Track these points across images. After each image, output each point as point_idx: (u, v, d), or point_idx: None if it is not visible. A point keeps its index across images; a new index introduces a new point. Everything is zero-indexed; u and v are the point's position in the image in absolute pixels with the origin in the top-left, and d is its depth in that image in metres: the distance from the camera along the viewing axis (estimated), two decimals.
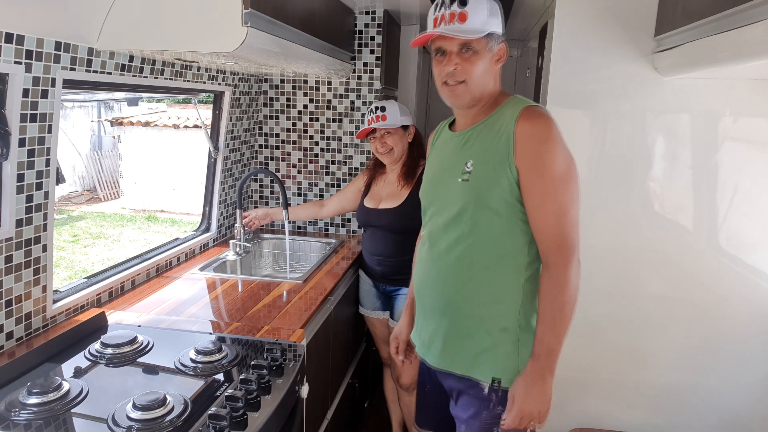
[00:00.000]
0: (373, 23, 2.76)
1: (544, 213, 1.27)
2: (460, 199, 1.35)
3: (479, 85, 1.33)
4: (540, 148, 1.26)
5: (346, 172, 2.93)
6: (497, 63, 1.36)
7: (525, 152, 1.26)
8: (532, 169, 1.26)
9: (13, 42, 1.29)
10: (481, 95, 1.35)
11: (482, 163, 1.32)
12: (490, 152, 1.31)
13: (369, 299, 2.41)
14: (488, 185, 1.31)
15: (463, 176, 1.35)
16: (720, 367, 1.92)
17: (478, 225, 1.34)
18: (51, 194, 1.54)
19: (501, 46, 1.35)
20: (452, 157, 1.41)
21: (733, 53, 1.29)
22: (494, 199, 1.30)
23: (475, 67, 1.31)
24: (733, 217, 1.84)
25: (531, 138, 1.26)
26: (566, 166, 1.27)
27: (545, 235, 1.28)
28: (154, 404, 1.17)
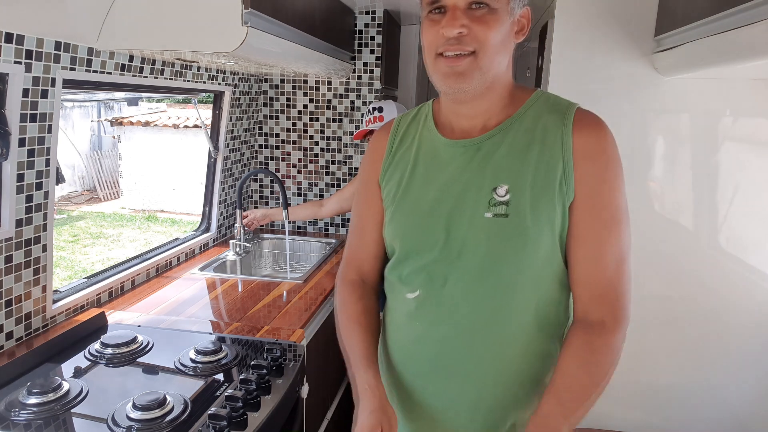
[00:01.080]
0: (373, 23, 2.76)
1: (603, 259, 0.92)
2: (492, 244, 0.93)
3: (493, 63, 0.91)
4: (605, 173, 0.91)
5: (346, 172, 2.93)
6: (517, 37, 0.95)
7: (587, 175, 0.91)
8: (593, 200, 0.91)
9: (13, 42, 1.29)
10: (493, 82, 0.94)
11: (530, 189, 0.92)
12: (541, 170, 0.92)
13: None
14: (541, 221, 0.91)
15: (494, 209, 0.92)
16: (720, 367, 1.92)
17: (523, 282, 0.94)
18: (51, 194, 1.54)
19: (524, 10, 0.95)
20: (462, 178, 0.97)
21: (733, 53, 1.29)
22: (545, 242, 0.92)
23: (491, 32, 0.89)
24: (733, 217, 1.83)
25: (597, 155, 0.91)
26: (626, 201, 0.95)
27: (598, 287, 0.93)
28: (154, 404, 1.17)
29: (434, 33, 0.92)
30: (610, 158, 0.92)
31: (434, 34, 0.92)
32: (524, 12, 0.95)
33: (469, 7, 0.89)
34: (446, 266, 0.97)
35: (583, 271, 0.94)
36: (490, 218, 0.93)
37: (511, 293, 0.94)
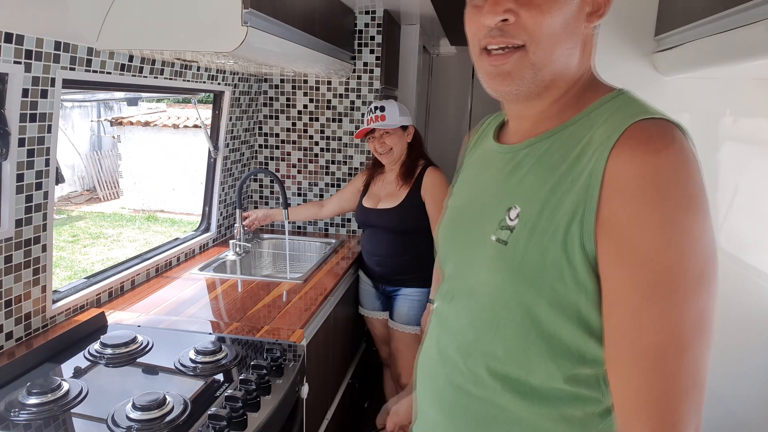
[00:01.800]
0: (373, 23, 2.76)
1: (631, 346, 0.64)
2: (488, 274, 0.77)
3: (552, 57, 0.72)
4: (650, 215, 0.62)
5: (346, 172, 2.93)
6: (590, 20, 0.74)
7: (617, 216, 0.64)
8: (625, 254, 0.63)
9: (13, 42, 1.29)
10: (553, 79, 0.74)
11: (536, 216, 0.71)
12: (555, 198, 0.70)
13: (369, 299, 2.41)
14: (540, 260, 0.70)
15: (499, 233, 0.75)
16: (720, 367, 1.91)
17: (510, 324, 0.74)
18: (51, 194, 1.54)
19: None
20: (490, 190, 0.82)
21: (733, 53, 1.29)
22: (548, 288, 0.70)
23: (546, 18, 0.70)
24: (734, 217, 1.83)
25: (636, 188, 0.62)
26: (701, 259, 0.63)
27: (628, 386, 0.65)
28: (154, 404, 1.16)
29: (477, 23, 0.73)
30: (666, 191, 0.62)
31: (477, 24, 0.73)
32: None
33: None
34: (455, 283, 0.85)
35: (610, 360, 0.67)
36: (493, 242, 0.75)
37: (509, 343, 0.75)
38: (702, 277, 0.62)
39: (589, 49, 0.78)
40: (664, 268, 0.61)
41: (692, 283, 0.62)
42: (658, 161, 0.62)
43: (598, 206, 0.65)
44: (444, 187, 2.14)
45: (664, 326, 0.62)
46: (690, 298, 0.62)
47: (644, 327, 0.63)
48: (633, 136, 0.65)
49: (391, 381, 2.48)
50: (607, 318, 0.67)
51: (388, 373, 2.52)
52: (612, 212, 0.64)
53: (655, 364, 0.62)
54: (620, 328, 0.65)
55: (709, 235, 0.64)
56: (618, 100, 0.74)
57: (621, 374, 0.65)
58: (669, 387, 0.62)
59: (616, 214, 0.64)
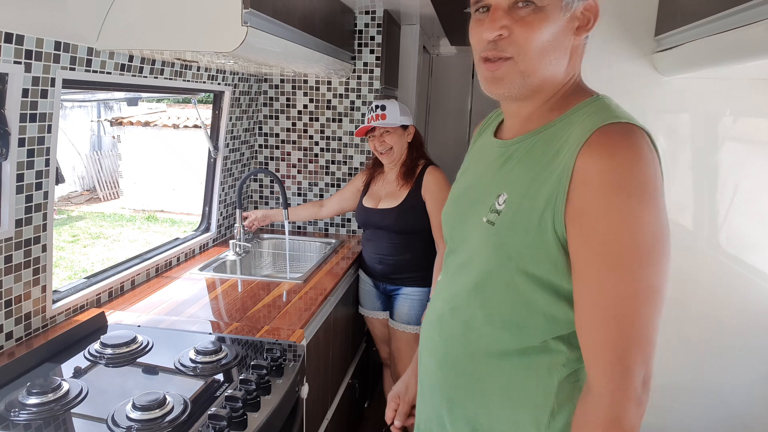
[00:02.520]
0: (373, 23, 2.76)
1: (595, 307, 0.79)
2: (477, 249, 0.92)
3: (539, 67, 0.84)
4: (610, 203, 0.76)
5: (346, 172, 2.93)
6: (578, 33, 0.86)
7: (582, 204, 0.78)
8: (589, 236, 0.78)
9: (13, 42, 1.29)
10: (541, 85, 0.87)
11: (518, 205, 0.85)
12: (532, 190, 0.84)
13: (369, 299, 2.41)
14: (519, 242, 0.84)
15: (489, 215, 0.89)
16: (720, 367, 1.92)
17: (496, 295, 0.90)
18: (51, 194, 1.54)
19: (589, 3, 0.86)
20: (485, 179, 0.96)
21: (733, 53, 1.29)
22: (529, 262, 0.85)
23: (534, 34, 0.82)
24: (733, 217, 1.83)
25: (597, 181, 0.77)
26: (650, 239, 0.77)
27: (592, 342, 0.81)
28: (154, 404, 1.17)
29: (477, 35, 0.86)
30: (622, 184, 0.76)
31: (477, 36, 0.86)
32: (589, 5, 0.86)
33: (513, 6, 0.82)
34: (454, 257, 1.01)
35: (580, 317, 0.82)
36: (484, 223, 0.90)
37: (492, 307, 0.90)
38: (651, 253, 0.78)
39: (576, 58, 0.89)
40: (619, 247, 0.77)
41: (643, 258, 0.77)
42: (615, 160, 0.77)
43: (568, 196, 0.79)
44: (444, 186, 2.14)
45: (619, 293, 0.77)
46: (641, 270, 0.77)
47: (604, 293, 0.78)
48: (597, 138, 0.79)
49: (391, 381, 2.48)
50: (576, 287, 0.82)
51: (388, 373, 2.52)
52: (578, 201, 0.78)
53: (612, 323, 0.78)
54: (586, 295, 0.80)
55: (658, 219, 0.78)
56: (593, 105, 0.86)
57: (587, 331, 0.81)
58: (623, 340, 0.77)
59: (581, 203, 0.78)
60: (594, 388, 0.80)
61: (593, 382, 0.80)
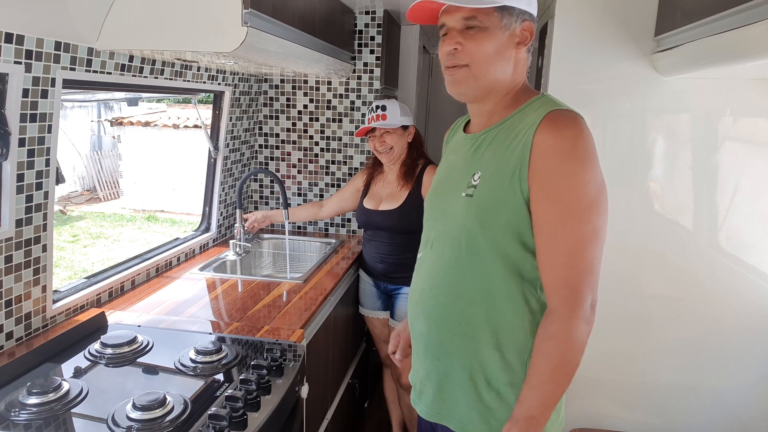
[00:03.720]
0: (373, 23, 2.76)
1: (552, 249, 1.01)
2: (460, 218, 1.12)
3: (488, 71, 1.08)
4: (560, 167, 0.99)
5: (346, 172, 2.93)
6: (518, 47, 1.10)
7: (540, 169, 1.01)
8: (546, 193, 1.01)
9: (13, 42, 1.29)
10: (492, 86, 1.11)
11: (491, 177, 1.08)
12: (501, 164, 1.06)
13: (369, 299, 2.41)
14: (494, 205, 1.06)
15: (467, 190, 1.11)
16: (720, 367, 1.92)
17: (479, 251, 1.09)
18: (51, 194, 1.54)
19: (526, 24, 1.09)
20: (460, 165, 1.18)
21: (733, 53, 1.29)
22: (499, 221, 1.06)
23: (481, 47, 1.06)
24: (733, 217, 1.83)
25: (551, 152, 1.00)
26: (592, 194, 1.00)
27: (551, 276, 1.03)
28: (154, 404, 1.17)
29: (442, 50, 1.12)
30: (569, 153, 1.00)
31: (442, 51, 1.12)
32: (525, 26, 1.10)
33: (465, 28, 1.08)
34: (435, 233, 1.21)
35: (541, 260, 1.04)
36: (463, 197, 1.12)
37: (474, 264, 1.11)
38: (594, 205, 1.01)
39: (521, 66, 1.13)
40: (570, 200, 1.00)
41: (587, 208, 1.00)
42: (564, 135, 1.01)
43: (529, 164, 1.02)
44: None
45: (571, 235, 1.00)
46: (586, 217, 1.00)
47: (559, 237, 1.01)
48: (549, 120, 1.03)
49: (391, 381, 2.48)
50: (536, 235, 1.04)
51: (388, 373, 2.52)
52: (536, 167, 1.02)
53: (566, 260, 1.01)
54: (545, 240, 1.03)
55: (597, 179, 1.02)
56: (541, 100, 1.11)
57: (547, 269, 1.04)
58: (575, 274, 1.01)
59: (539, 168, 1.01)
60: (553, 312, 1.03)
61: (553, 307, 1.03)
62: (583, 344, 1.02)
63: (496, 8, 1.07)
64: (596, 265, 1.01)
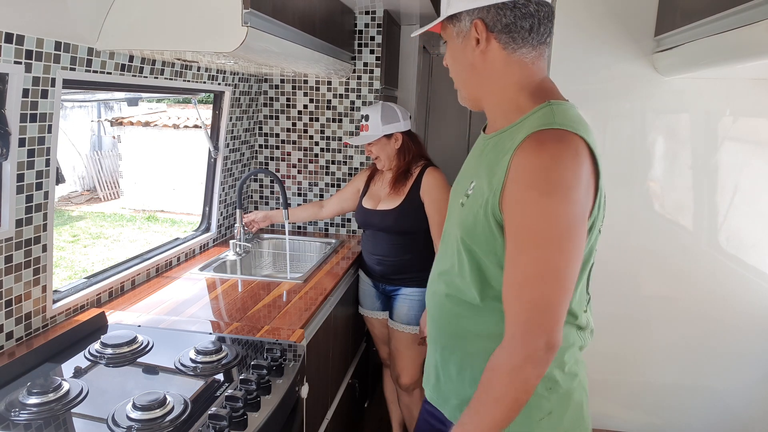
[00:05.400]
0: (373, 23, 2.76)
1: (508, 280, 0.96)
2: (455, 224, 1.12)
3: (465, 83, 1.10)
4: (525, 195, 0.92)
5: (346, 172, 2.93)
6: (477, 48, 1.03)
7: (508, 195, 0.95)
8: (511, 220, 0.95)
9: (13, 42, 1.29)
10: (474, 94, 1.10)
11: (480, 189, 1.03)
12: (488, 178, 1.02)
13: (369, 299, 2.41)
14: (475, 223, 1.03)
15: (463, 198, 1.09)
16: (720, 367, 1.92)
17: (464, 262, 1.08)
18: (51, 194, 1.54)
19: (475, 23, 1.01)
20: (470, 167, 1.16)
21: (733, 53, 1.29)
22: (480, 241, 1.03)
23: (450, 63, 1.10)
24: (733, 217, 1.84)
25: (520, 178, 0.93)
26: (556, 228, 0.91)
27: (506, 305, 0.96)
28: (154, 404, 1.17)
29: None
30: (536, 182, 0.91)
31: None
32: (475, 24, 1.02)
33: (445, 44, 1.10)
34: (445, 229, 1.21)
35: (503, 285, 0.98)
36: (459, 204, 1.10)
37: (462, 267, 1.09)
38: (557, 240, 0.91)
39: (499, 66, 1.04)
40: (530, 232, 0.92)
41: (548, 244, 0.91)
42: (536, 161, 0.92)
43: (503, 187, 0.96)
44: (443, 187, 2.13)
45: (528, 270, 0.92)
46: (547, 253, 0.91)
47: (516, 269, 0.94)
48: (528, 142, 0.94)
49: (391, 381, 2.48)
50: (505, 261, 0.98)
51: (388, 373, 2.52)
52: (507, 192, 0.95)
53: (517, 294, 0.94)
54: (506, 268, 0.97)
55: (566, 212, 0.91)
56: (540, 111, 1.00)
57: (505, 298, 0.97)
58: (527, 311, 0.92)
59: (508, 194, 0.95)
60: (504, 343, 0.95)
61: (505, 338, 0.95)
62: (528, 385, 0.92)
63: (447, 20, 1.05)
64: (555, 305, 0.91)
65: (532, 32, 1.02)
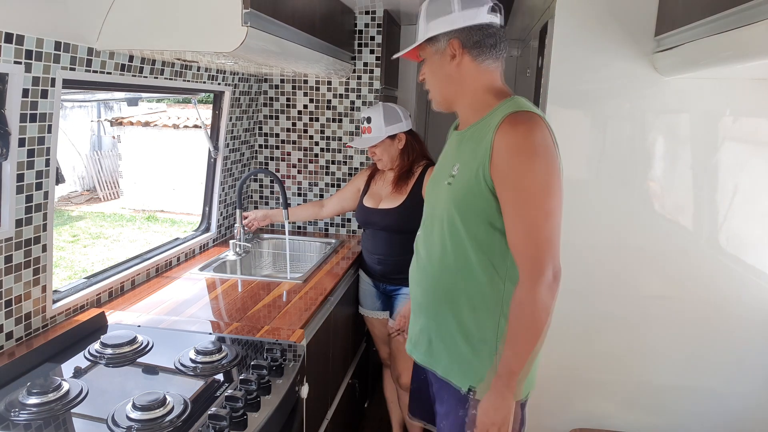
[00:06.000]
0: (373, 23, 2.76)
1: (515, 229, 1.22)
2: (444, 203, 1.34)
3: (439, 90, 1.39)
4: (513, 161, 1.19)
5: (346, 172, 2.93)
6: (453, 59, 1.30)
7: (499, 163, 1.20)
8: (505, 183, 1.21)
9: (13, 42, 1.29)
10: (449, 98, 1.38)
11: (465, 169, 1.29)
12: (472, 159, 1.27)
13: (369, 299, 2.40)
14: (466, 193, 1.28)
15: (449, 179, 1.33)
16: (720, 367, 1.92)
17: (457, 231, 1.30)
18: (51, 194, 1.54)
19: (451, 42, 1.29)
20: (448, 157, 1.41)
21: (733, 53, 1.29)
22: (471, 207, 1.28)
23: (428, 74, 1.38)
24: (733, 217, 1.83)
25: (506, 149, 1.20)
26: (543, 181, 1.19)
27: (517, 250, 1.23)
28: (154, 404, 1.17)
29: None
30: (520, 149, 1.19)
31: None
32: (451, 43, 1.29)
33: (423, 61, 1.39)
34: (429, 213, 1.45)
35: (509, 239, 1.24)
36: (446, 185, 1.34)
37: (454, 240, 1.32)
38: (544, 190, 1.19)
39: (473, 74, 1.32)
40: (527, 189, 1.19)
41: (539, 194, 1.19)
42: (516, 134, 1.20)
43: (491, 159, 1.22)
44: None
45: (527, 218, 1.20)
46: (538, 202, 1.20)
47: (519, 218, 1.21)
48: (506, 122, 1.21)
49: (391, 381, 2.48)
50: (504, 218, 1.24)
51: (388, 373, 2.52)
52: (496, 162, 1.21)
53: (525, 238, 1.21)
54: (508, 223, 1.23)
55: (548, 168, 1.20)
56: (508, 102, 1.28)
57: (514, 245, 1.23)
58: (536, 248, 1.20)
59: (497, 163, 1.21)
60: (521, 282, 1.22)
61: (521, 278, 1.22)
62: (548, 307, 1.19)
63: (426, 42, 1.33)
64: (554, 240, 1.20)
65: (494, 48, 1.31)
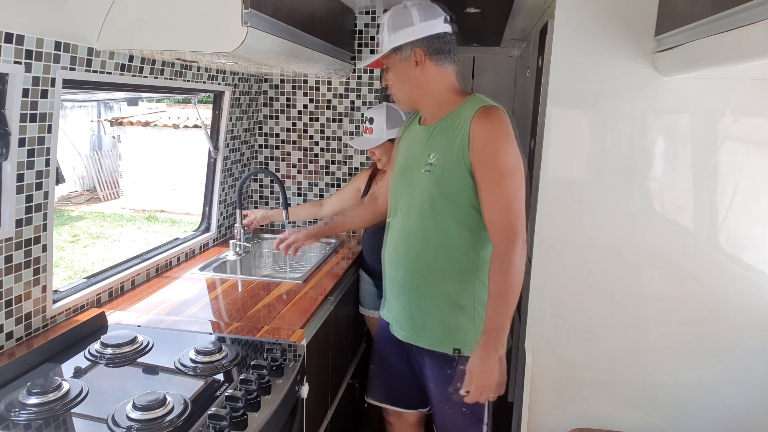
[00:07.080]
0: (373, 23, 2.76)
1: (491, 203, 1.44)
2: (423, 187, 1.52)
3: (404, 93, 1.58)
4: (491, 145, 1.43)
5: (346, 172, 2.93)
6: (418, 65, 1.50)
7: (477, 148, 1.43)
8: (483, 163, 1.43)
9: (13, 42, 1.29)
10: (414, 100, 1.59)
11: (443, 156, 1.49)
12: (449, 146, 1.48)
13: (369, 299, 2.40)
14: (447, 176, 1.48)
15: (426, 167, 1.51)
16: (720, 367, 1.92)
17: (438, 211, 1.51)
18: (51, 194, 1.54)
19: (415, 50, 1.49)
20: (418, 149, 1.57)
21: (733, 53, 1.29)
22: (452, 188, 1.48)
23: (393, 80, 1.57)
24: (733, 217, 1.83)
25: (484, 135, 1.43)
26: (514, 162, 1.44)
27: (493, 222, 1.45)
28: (154, 404, 1.17)
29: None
30: (495, 135, 1.44)
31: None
32: (415, 51, 1.50)
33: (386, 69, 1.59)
34: (402, 201, 1.62)
35: (485, 212, 1.46)
36: (423, 173, 1.52)
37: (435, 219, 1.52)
38: (515, 168, 1.44)
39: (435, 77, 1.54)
40: (501, 167, 1.44)
41: (512, 172, 1.44)
42: (490, 122, 1.45)
43: (469, 145, 1.45)
44: None
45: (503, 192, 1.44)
46: (511, 178, 1.44)
47: (495, 194, 1.44)
48: (480, 113, 1.46)
49: None
50: (480, 195, 1.46)
51: None
52: (474, 147, 1.44)
53: (502, 209, 1.44)
54: (485, 198, 1.46)
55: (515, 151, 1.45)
56: (474, 99, 1.53)
57: (490, 217, 1.46)
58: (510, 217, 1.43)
59: (476, 147, 1.44)
60: (497, 248, 1.45)
61: (496, 245, 1.45)
62: (521, 268, 1.41)
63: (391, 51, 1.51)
64: (523, 211, 1.44)
65: (450, 53, 1.53)
